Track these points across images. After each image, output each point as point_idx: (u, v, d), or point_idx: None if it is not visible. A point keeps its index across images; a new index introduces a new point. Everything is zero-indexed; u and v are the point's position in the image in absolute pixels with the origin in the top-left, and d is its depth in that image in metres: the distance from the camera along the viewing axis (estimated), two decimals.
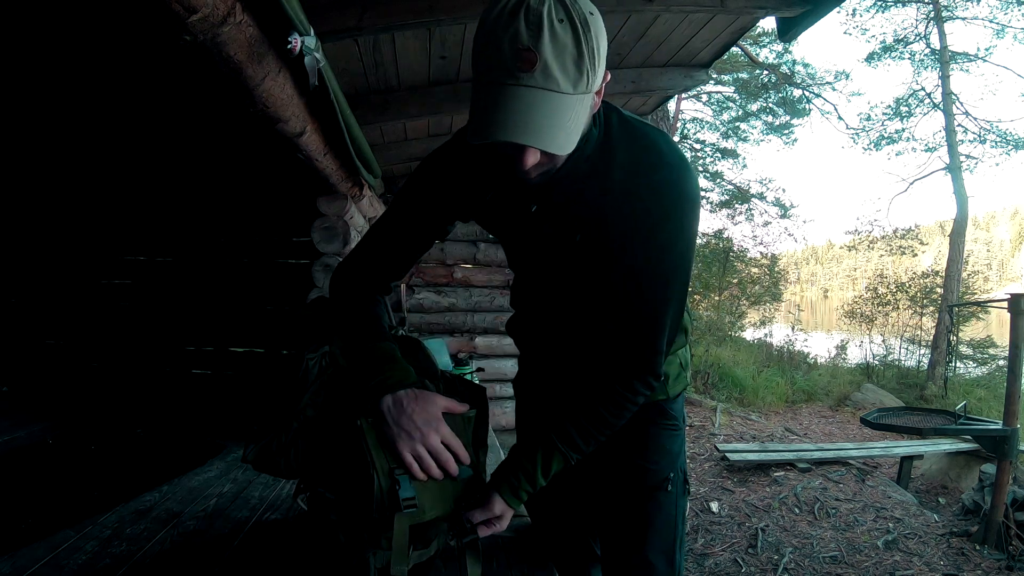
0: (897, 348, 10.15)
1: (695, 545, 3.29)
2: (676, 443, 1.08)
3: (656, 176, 0.82)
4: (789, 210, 13.24)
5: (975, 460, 4.37)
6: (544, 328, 1.08)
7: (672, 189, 0.83)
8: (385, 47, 2.36)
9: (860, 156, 67.84)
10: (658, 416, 1.06)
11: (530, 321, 1.12)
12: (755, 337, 11.43)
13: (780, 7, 2.34)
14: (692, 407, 6.79)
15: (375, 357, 0.90)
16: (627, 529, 1.07)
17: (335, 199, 3.03)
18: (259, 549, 1.64)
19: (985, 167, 14.04)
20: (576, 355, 1.03)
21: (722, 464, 4.61)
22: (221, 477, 2.49)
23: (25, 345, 3.82)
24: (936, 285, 10.37)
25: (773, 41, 12.01)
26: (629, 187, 0.83)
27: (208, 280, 3.76)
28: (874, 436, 5.62)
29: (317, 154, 2.33)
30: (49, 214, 3.81)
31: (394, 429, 0.81)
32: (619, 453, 1.05)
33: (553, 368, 1.11)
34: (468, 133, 0.72)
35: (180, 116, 2.97)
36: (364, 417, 0.83)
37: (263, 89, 1.59)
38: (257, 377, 3.73)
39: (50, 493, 2.37)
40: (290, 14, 1.41)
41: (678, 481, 1.07)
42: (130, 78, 2.49)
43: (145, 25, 1.83)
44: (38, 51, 2.25)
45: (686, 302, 0.93)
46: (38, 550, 1.67)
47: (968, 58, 10.74)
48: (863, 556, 3.15)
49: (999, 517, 3.23)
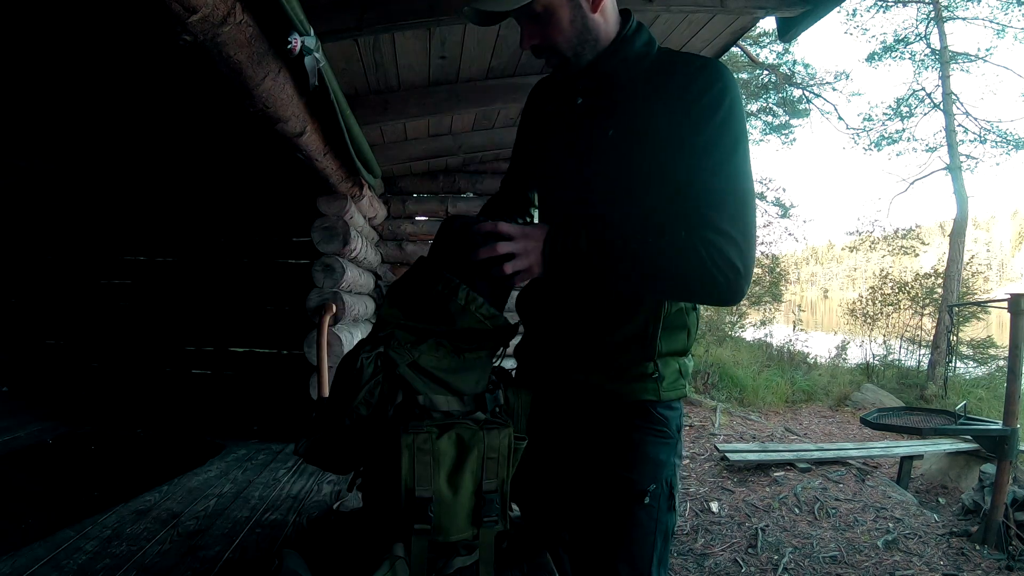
0: (897, 348, 10.14)
1: (695, 545, 3.29)
2: (663, 452, 0.99)
3: (701, 80, 0.90)
4: (789, 210, 13.25)
5: (975, 460, 4.37)
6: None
7: (717, 82, 0.89)
8: (385, 47, 2.36)
9: (860, 156, 67.80)
10: (643, 419, 0.99)
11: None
12: (755, 337, 11.43)
13: (780, 7, 2.34)
14: (692, 407, 6.79)
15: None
16: (598, 541, 0.99)
17: (335, 199, 3.03)
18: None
19: (985, 167, 14.09)
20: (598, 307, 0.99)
21: (722, 464, 4.60)
22: (221, 477, 2.49)
23: (25, 345, 3.82)
24: (936, 285, 10.36)
25: (773, 41, 12.01)
26: (676, 86, 0.90)
27: (208, 280, 3.76)
28: (874, 436, 5.62)
29: (317, 154, 2.33)
30: (49, 214, 3.81)
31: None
32: (598, 456, 1.00)
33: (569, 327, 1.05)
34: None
35: (180, 116, 2.98)
36: (406, 432, 0.83)
37: (263, 89, 1.59)
38: (264, 377, 3.74)
39: (50, 493, 2.37)
40: (290, 14, 1.41)
41: (661, 495, 0.97)
42: (130, 78, 2.49)
43: (145, 25, 1.83)
44: (39, 51, 2.25)
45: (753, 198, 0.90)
46: (38, 550, 1.67)
47: (968, 58, 10.72)
48: (863, 556, 3.15)
49: (999, 517, 3.23)
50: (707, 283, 0.84)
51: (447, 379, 0.91)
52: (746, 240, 0.84)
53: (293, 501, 2.26)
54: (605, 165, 0.95)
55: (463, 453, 0.85)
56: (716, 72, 0.90)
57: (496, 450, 0.86)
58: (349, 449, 0.92)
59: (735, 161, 0.87)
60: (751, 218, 0.86)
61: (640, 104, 0.93)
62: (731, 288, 0.84)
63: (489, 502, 0.86)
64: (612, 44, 0.95)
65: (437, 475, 0.83)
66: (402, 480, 0.82)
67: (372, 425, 0.88)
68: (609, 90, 0.97)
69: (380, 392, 0.88)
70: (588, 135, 0.98)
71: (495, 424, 0.89)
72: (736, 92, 0.90)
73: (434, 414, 0.88)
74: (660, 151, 0.90)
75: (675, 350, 1.00)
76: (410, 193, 4.28)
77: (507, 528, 0.90)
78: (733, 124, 0.88)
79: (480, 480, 0.86)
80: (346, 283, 3.12)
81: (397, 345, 0.89)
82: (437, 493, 0.83)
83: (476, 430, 0.86)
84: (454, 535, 0.85)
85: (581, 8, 0.90)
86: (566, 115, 1.03)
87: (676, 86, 0.90)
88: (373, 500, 0.92)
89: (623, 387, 0.99)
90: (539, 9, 0.89)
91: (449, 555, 0.93)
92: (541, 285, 1.09)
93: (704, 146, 0.87)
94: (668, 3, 2.22)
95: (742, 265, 0.84)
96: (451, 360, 0.92)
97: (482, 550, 0.89)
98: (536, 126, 1.14)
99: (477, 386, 0.94)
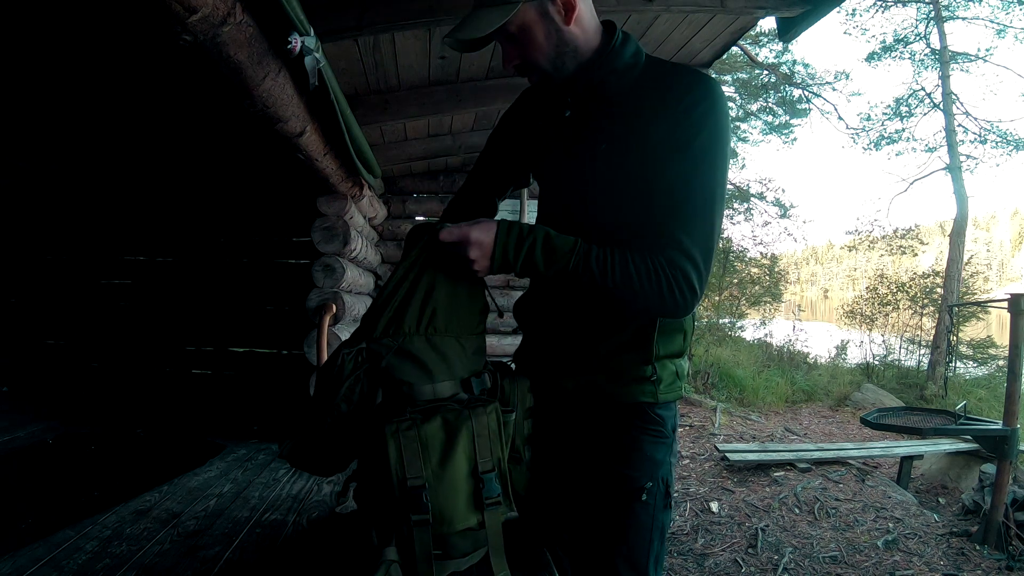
0: (897, 348, 10.14)
1: (695, 545, 3.29)
2: (660, 452, 1.01)
3: (692, 94, 0.91)
4: (789, 210, 13.24)
5: (975, 460, 4.37)
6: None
7: (707, 98, 0.90)
8: (385, 47, 2.36)
9: (860, 156, 67.93)
10: (641, 420, 1.00)
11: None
12: (755, 337, 11.42)
13: (780, 7, 2.34)
14: (692, 407, 6.79)
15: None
16: (596, 538, 1.01)
17: (335, 199, 3.03)
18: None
19: (985, 167, 13.99)
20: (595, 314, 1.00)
21: (722, 464, 4.61)
22: (221, 477, 2.49)
23: (25, 345, 3.82)
24: (936, 285, 10.36)
25: (773, 41, 12.00)
26: (665, 101, 0.92)
27: (208, 280, 3.76)
28: (874, 436, 5.62)
29: (317, 154, 2.33)
30: (49, 214, 3.81)
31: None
32: (596, 455, 1.01)
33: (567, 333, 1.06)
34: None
35: (180, 116, 2.97)
36: (390, 423, 0.81)
37: (263, 89, 1.59)
38: (264, 377, 3.73)
39: (50, 493, 2.37)
40: (290, 14, 1.41)
41: (658, 492, 1.00)
42: (130, 78, 2.48)
43: (145, 25, 1.83)
44: (39, 51, 2.25)
45: (722, 218, 0.94)
46: (38, 550, 1.67)
47: (968, 58, 10.72)
48: (863, 556, 3.15)
49: (999, 517, 3.23)
50: (666, 303, 0.89)
51: (437, 364, 0.91)
52: (707, 265, 0.89)
53: (293, 501, 2.26)
54: (599, 178, 0.97)
55: (452, 435, 0.83)
56: (705, 88, 0.91)
57: (486, 427, 0.85)
58: (332, 449, 0.91)
59: (711, 183, 0.90)
60: (715, 241, 0.91)
61: (630, 117, 0.94)
62: (686, 307, 0.90)
63: (487, 482, 0.84)
64: (599, 56, 0.96)
65: (427, 461, 0.82)
66: (392, 471, 0.80)
67: (354, 422, 0.87)
68: (598, 102, 0.98)
69: (360, 388, 0.88)
70: (580, 148, 0.99)
71: (480, 402, 0.88)
72: (723, 110, 0.91)
73: (417, 402, 0.87)
74: (647, 164, 0.91)
75: (672, 352, 1.01)
76: (410, 193, 4.28)
77: (512, 511, 0.88)
78: (715, 144, 0.89)
79: (475, 461, 0.84)
80: (346, 283, 3.12)
81: (380, 337, 0.90)
82: (430, 480, 0.81)
83: (461, 410, 0.85)
84: (458, 523, 0.83)
85: (554, 22, 0.92)
86: (556, 127, 1.04)
87: (665, 99, 0.92)
88: (367, 503, 0.90)
89: (620, 389, 1.00)
90: (513, 30, 0.92)
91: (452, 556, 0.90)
92: (538, 291, 1.10)
93: (684, 163, 0.89)
94: (668, 3, 2.22)
95: (699, 288, 0.89)
96: (444, 343, 0.93)
97: (490, 536, 0.86)
98: (523, 136, 1.14)
99: (469, 370, 0.95)
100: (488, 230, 0.89)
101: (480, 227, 0.89)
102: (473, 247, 0.88)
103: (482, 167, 1.22)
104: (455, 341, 0.95)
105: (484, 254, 0.89)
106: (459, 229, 0.89)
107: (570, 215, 1.01)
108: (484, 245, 0.89)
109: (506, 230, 0.90)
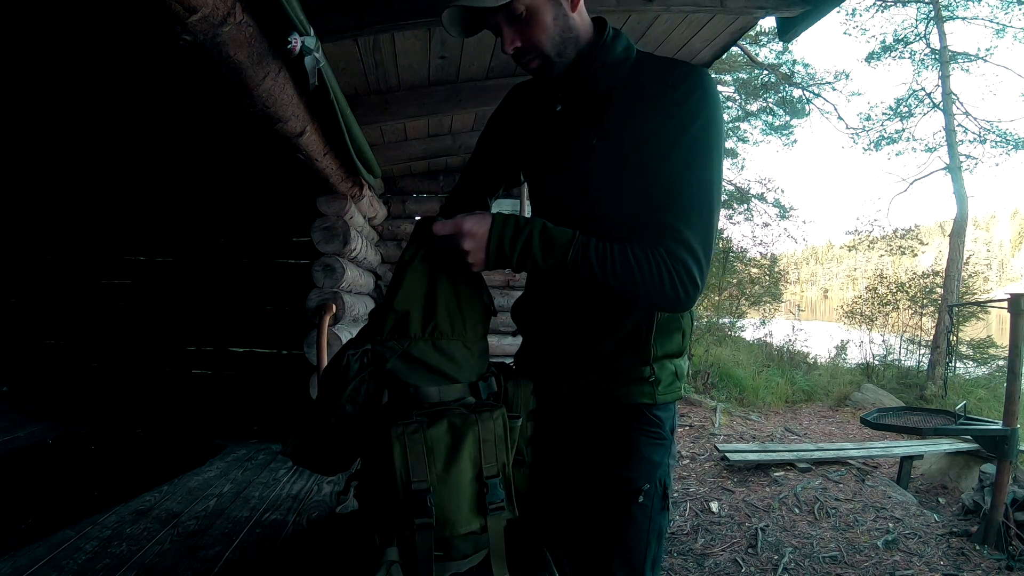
0: (897, 348, 10.14)
1: (695, 545, 3.29)
2: (658, 453, 1.00)
3: (683, 85, 0.90)
4: (788, 211, 13.24)
5: (975, 460, 4.37)
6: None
7: (698, 89, 0.90)
8: (385, 47, 2.36)
9: (860, 156, 67.89)
10: (639, 422, 1.00)
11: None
12: (755, 337, 11.43)
13: (780, 7, 2.34)
14: (692, 407, 6.79)
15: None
16: (593, 540, 1.00)
17: (335, 199, 3.03)
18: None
19: (985, 167, 13.98)
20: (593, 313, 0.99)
21: (722, 464, 4.61)
22: (221, 477, 2.49)
23: (25, 345, 3.82)
24: (936, 285, 10.36)
25: (773, 41, 12.00)
26: (657, 94, 0.91)
27: (208, 280, 3.76)
28: (874, 436, 5.62)
29: (317, 154, 2.33)
30: (49, 214, 3.81)
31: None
32: (594, 457, 1.01)
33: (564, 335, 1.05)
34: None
35: (180, 116, 2.97)
36: (396, 425, 0.81)
37: (263, 89, 1.59)
38: (264, 377, 3.73)
39: (50, 493, 2.37)
40: (290, 14, 1.41)
41: (655, 494, 0.99)
42: (130, 78, 2.48)
43: (145, 25, 1.83)
44: (39, 51, 2.25)
45: (719, 210, 0.92)
46: (38, 550, 1.67)
47: (968, 58, 10.72)
48: (863, 556, 3.15)
49: (999, 517, 3.23)
50: (667, 295, 0.87)
51: (443, 367, 0.90)
52: (707, 256, 0.88)
53: (293, 501, 2.26)
54: (594, 173, 0.96)
55: (458, 440, 0.82)
56: (697, 80, 0.90)
57: (492, 432, 0.84)
58: (335, 449, 0.91)
59: (707, 173, 0.88)
60: (714, 233, 0.89)
61: (622, 111, 0.93)
62: (688, 300, 0.88)
63: (492, 488, 0.84)
64: (590, 50, 0.95)
65: (432, 465, 0.81)
66: (396, 474, 0.79)
67: (359, 423, 0.87)
68: (589, 97, 0.97)
69: (366, 389, 0.87)
70: (572, 144, 0.98)
71: (487, 407, 0.87)
72: (715, 100, 0.90)
73: (424, 404, 0.86)
74: (642, 158, 0.90)
75: (670, 352, 1.00)
76: (410, 193, 4.28)
77: (516, 515, 0.87)
78: (709, 134, 0.89)
79: (479, 466, 0.84)
80: (346, 283, 3.12)
81: (386, 339, 0.88)
82: (434, 483, 0.81)
83: (468, 415, 0.84)
84: (461, 527, 0.82)
85: (562, 7, 0.91)
86: (546, 123, 1.03)
87: (657, 93, 0.91)
88: (369, 503, 0.90)
89: (619, 390, 0.99)
90: (521, 9, 0.88)
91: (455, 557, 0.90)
92: (535, 292, 1.10)
93: (679, 155, 0.88)
94: (668, 3, 2.23)
95: (700, 280, 0.87)
96: (451, 347, 0.92)
97: (492, 540, 0.86)
98: (513, 132, 1.13)
99: (475, 373, 0.93)
100: (483, 221, 0.87)
101: (474, 218, 0.87)
102: (467, 238, 0.86)
103: (473, 167, 1.21)
104: (461, 344, 0.94)
105: (479, 246, 0.86)
106: (453, 221, 0.87)
107: (566, 210, 1.00)
108: (479, 236, 0.86)
109: (502, 221, 0.87)
